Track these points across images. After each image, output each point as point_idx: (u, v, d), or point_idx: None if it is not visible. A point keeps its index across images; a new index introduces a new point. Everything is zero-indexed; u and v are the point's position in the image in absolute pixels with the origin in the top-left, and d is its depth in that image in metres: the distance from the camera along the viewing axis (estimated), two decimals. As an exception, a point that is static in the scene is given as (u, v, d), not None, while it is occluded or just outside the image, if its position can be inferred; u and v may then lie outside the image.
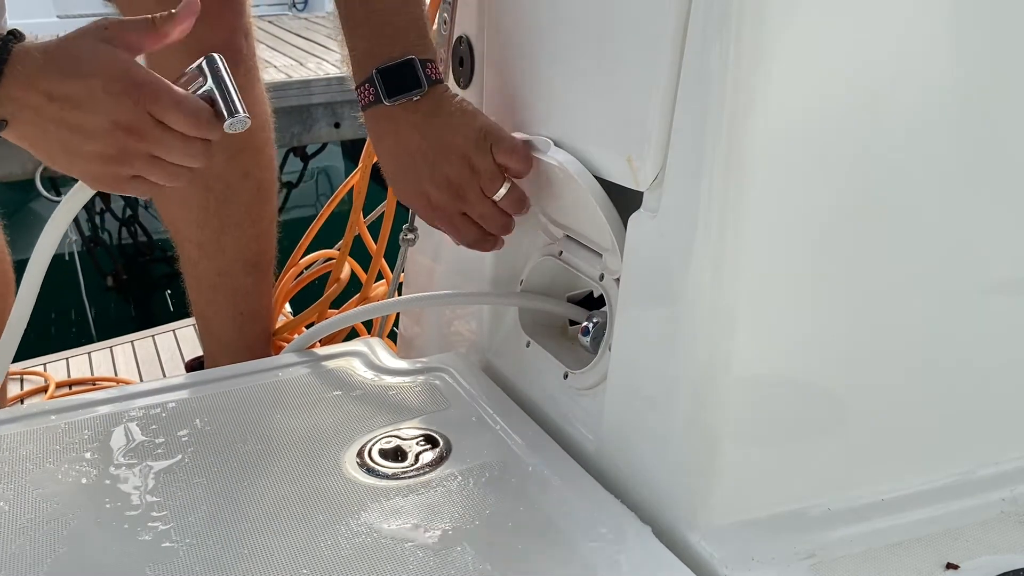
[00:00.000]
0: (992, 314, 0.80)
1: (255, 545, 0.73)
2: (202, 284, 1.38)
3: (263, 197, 1.34)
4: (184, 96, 0.80)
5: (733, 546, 0.73)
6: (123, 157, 0.80)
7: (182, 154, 0.81)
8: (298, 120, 5.24)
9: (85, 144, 0.79)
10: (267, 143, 1.34)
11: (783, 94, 0.67)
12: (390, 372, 1.02)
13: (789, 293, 0.73)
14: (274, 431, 0.91)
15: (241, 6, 1.25)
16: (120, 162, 0.80)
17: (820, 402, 0.77)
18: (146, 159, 0.80)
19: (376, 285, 1.63)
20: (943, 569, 0.71)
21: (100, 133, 0.78)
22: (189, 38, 1.19)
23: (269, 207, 1.36)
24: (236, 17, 1.23)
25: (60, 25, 9.65)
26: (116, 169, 0.81)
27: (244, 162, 1.29)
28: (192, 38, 1.20)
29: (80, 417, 0.93)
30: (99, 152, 0.79)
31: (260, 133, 1.31)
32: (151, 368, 2.32)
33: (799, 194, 0.70)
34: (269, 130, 1.34)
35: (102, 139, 0.78)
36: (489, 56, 1.02)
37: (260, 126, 1.31)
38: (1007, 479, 0.81)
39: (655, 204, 0.75)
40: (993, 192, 0.76)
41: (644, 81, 0.74)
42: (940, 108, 0.72)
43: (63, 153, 0.80)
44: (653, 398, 0.78)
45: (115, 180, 0.82)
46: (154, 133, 0.79)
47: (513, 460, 0.85)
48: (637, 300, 0.79)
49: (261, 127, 1.31)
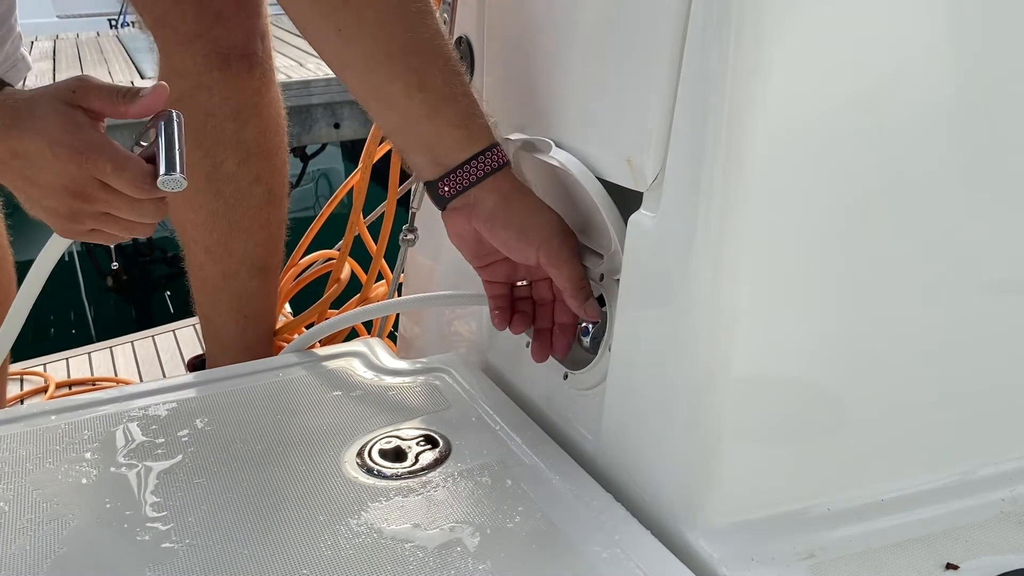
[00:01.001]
0: (992, 314, 0.80)
1: (255, 545, 0.73)
2: (207, 286, 1.38)
3: (273, 202, 1.34)
4: (125, 160, 0.80)
5: (733, 546, 0.73)
6: (74, 215, 0.83)
7: (131, 213, 0.83)
8: (298, 121, 5.25)
9: (42, 199, 0.83)
10: (279, 148, 1.33)
11: (783, 94, 0.67)
12: (390, 372, 1.03)
13: (789, 293, 0.73)
14: (274, 431, 0.91)
15: (258, 8, 1.24)
16: (72, 219, 0.84)
17: (820, 402, 0.77)
18: (98, 216, 0.83)
19: (376, 285, 1.63)
20: (943, 569, 0.71)
21: (52, 192, 0.81)
22: (206, 39, 1.19)
23: (278, 212, 1.36)
24: (253, 19, 1.22)
25: (60, 25, 9.67)
26: (71, 225, 0.84)
27: (255, 167, 1.29)
28: (209, 39, 1.20)
29: (80, 417, 0.93)
30: (54, 208, 0.83)
31: (273, 137, 1.31)
32: (151, 368, 2.32)
33: (799, 194, 0.70)
34: (282, 135, 1.33)
35: (54, 198, 0.82)
36: (489, 56, 1.02)
37: (274, 130, 1.30)
38: (1007, 479, 0.81)
39: (655, 204, 0.75)
40: (993, 193, 0.76)
41: (644, 81, 0.74)
42: (940, 108, 0.72)
43: (28, 203, 0.84)
44: (653, 398, 0.78)
45: (74, 232, 0.86)
46: (100, 195, 0.81)
47: (513, 460, 0.85)
48: (637, 300, 0.79)
49: (275, 131, 1.31)
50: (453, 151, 0.86)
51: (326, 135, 5.59)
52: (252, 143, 1.28)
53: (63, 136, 0.80)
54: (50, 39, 7.88)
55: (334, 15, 0.83)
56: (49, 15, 10.17)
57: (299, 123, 5.29)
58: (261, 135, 1.28)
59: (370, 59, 0.85)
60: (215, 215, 1.30)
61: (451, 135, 0.86)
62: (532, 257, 0.86)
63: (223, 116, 1.23)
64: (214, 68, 1.21)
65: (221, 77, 1.21)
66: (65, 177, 0.80)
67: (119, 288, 6.11)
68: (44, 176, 0.81)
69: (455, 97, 0.86)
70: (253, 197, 1.31)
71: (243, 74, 1.24)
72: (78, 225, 0.84)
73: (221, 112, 1.23)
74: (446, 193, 0.87)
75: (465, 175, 0.86)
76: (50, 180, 0.81)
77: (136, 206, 0.82)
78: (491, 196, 0.86)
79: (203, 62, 1.20)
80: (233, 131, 1.25)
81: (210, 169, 1.25)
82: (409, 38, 0.84)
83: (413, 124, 0.86)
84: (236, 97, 1.24)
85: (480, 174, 0.86)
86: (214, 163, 1.24)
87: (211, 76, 1.21)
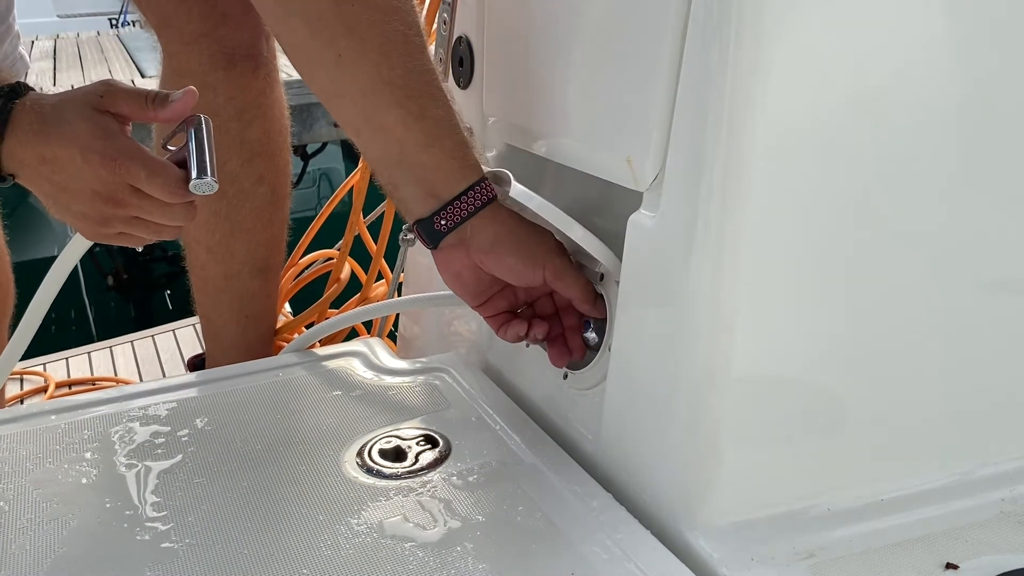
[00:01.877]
0: (992, 314, 0.80)
1: (255, 545, 0.73)
2: (208, 286, 1.38)
3: (275, 202, 1.34)
4: (158, 166, 0.81)
5: (733, 546, 0.73)
6: (104, 220, 0.83)
7: (162, 217, 0.84)
8: (298, 119, 5.21)
9: (72, 204, 0.83)
10: (283, 148, 1.33)
11: (783, 94, 0.67)
12: (390, 372, 1.03)
13: (789, 293, 0.73)
14: (274, 431, 0.91)
15: None
16: (102, 223, 0.84)
17: (820, 402, 0.77)
18: (128, 220, 0.84)
19: (376, 285, 1.63)
20: (943, 569, 0.71)
21: (82, 197, 0.82)
22: (211, 39, 1.19)
23: (280, 212, 1.36)
24: (258, 19, 1.22)
25: (60, 24, 9.66)
26: (100, 228, 0.85)
27: (259, 167, 1.29)
28: (214, 39, 1.20)
29: (80, 417, 0.93)
30: (83, 212, 0.83)
31: (277, 138, 1.31)
32: (151, 368, 2.32)
33: (799, 194, 0.70)
34: (286, 135, 1.33)
35: (84, 202, 0.82)
36: (489, 56, 1.02)
37: (278, 131, 1.30)
38: (1007, 479, 0.81)
39: (655, 204, 0.75)
40: (992, 192, 0.76)
41: (644, 81, 0.74)
42: (940, 108, 0.72)
43: (55, 207, 0.85)
44: (653, 398, 0.78)
45: (102, 236, 0.86)
46: (132, 200, 0.81)
47: (513, 460, 0.85)
48: (637, 300, 0.79)
49: (279, 132, 1.31)
50: (450, 182, 0.84)
51: (327, 134, 5.57)
52: (256, 143, 1.27)
53: (95, 143, 0.80)
54: (50, 38, 7.88)
55: (334, 42, 0.81)
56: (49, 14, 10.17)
57: (300, 122, 5.26)
58: (265, 135, 1.28)
59: (368, 86, 0.82)
60: (218, 215, 1.30)
61: (448, 165, 0.84)
62: (539, 278, 0.86)
63: (227, 116, 1.23)
64: (219, 68, 1.21)
65: (226, 77, 1.21)
66: (97, 183, 0.80)
67: (119, 287, 6.10)
68: (75, 182, 0.81)
69: (453, 128, 0.85)
70: (256, 197, 1.30)
71: (248, 74, 1.24)
72: (107, 229, 0.85)
73: (225, 112, 1.23)
74: (443, 227, 0.85)
75: (462, 207, 0.84)
76: (81, 186, 0.81)
77: (168, 210, 0.83)
78: (489, 226, 0.85)
79: (208, 62, 1.20)
80: (237, 131, 1.25)
81: None
82: (410, 67, 0.83)
83: (409, 154, 0.84)
84: (241, 97, 1.23)
85: (477, 204, 0.84)
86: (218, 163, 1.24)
87: (216, 76, 1.21)
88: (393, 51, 0.82)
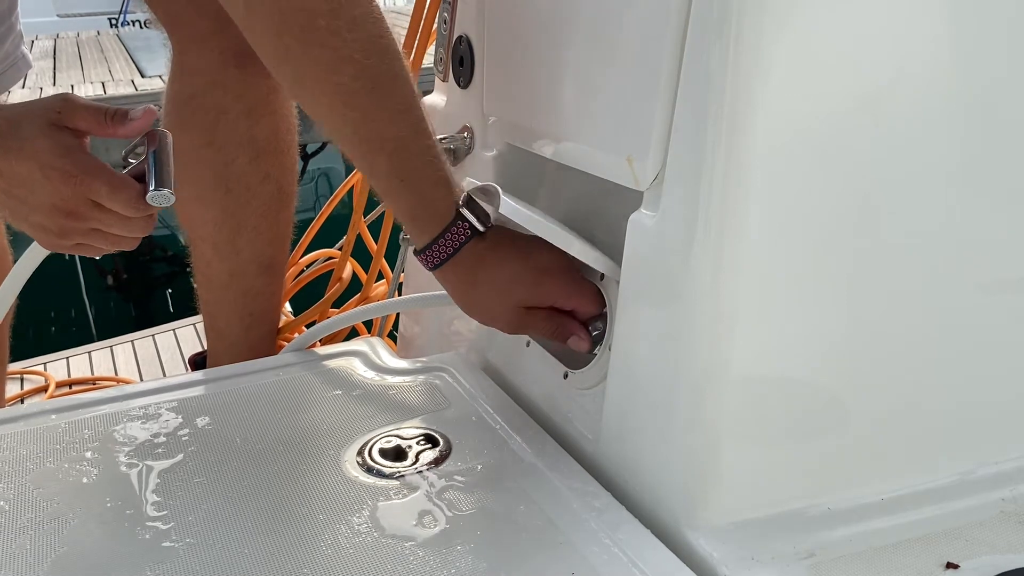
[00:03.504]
0: (992, 314, 0.80)
1: (255, 544, 0.74)
2: (213, 283, 1.37)
3: (282, 200, 1.33)
4: (119, 181, 0.82)
5: (733, 546, 0.73)
6: (63, 232, 0.84)
7: (122, 229, 0.85)
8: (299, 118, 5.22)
9: (30, 216, 0.84)
10: (291, 147, 1.33)
11: (783, 94, 0.67)
12: (390, 372, 1.03)
13: (789, 293, 0.73)
14: (274, 430, 0.91)
15: None
16: (61, 235, 0.85)
17: (820, 402, 0.77)
18: (87, 232, 0.85)
19: (376, 285, 1.63)
20: (943, 569, 0.71)
21: (41, 210, 0.83)
22: (221, 37, 1.19)
23: (286, 211, 1.36)
24: None
25: (60, 24, 9.67)
26: (58, 240, 0.86)
27: (266, 165, 1.29)
28: (225, 37, 1.20)
29: (80, 417, 0.94)
30: (42, 224, 0.84)
31: (285, 136, 1.30)
32: (151, 368, 2.32)
33: (799, 194, 0.70)
34: (294, 134, 1.33)
35: (43, 215, 0.83)
36: (489, 56, 1.02)
37: (286, 129, 1.30)
38: (1007, 479, 0.81)
39: (655, 204, 0.75)
40: (992, 192, 0.76)
41: (644, 81, 0.74)
42: (940, 108, 0.72)
43: (12, 218, 0.86)
44: (653, 398, 0.78)
45: (60, 247, 0.88)
46: (92, 214, 0.83)
47: (513, 460, 0.85)
48: (637, 300, 0.79)
49: (287, 130, 1.30)
50: (423, 232, 0.88)
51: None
52: (264, 141, 1.27)
53: (55, 160, 0.80)
54: (50, 38, 7.89)
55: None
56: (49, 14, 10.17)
57: (300, 120, 5.27)
58: (273, 134, 1.28)
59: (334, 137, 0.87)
60: (224, 212, 1.30)
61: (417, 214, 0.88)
62: (548, 302, 0.89)
63: (236, 114, 1.23)
64: (229, 66, 1.20)
65: (236, 75, 1.21)
66: (56, 198, 0.81)
67: (119, 287, 6.11)
68: (34, 197, 0.82)
69: (409, 178, 0.87)
70: (263, 195, 1.30)
71: (257, 72, 1.23)
72: (65, 240, 0.86)
73: (234, 110, 1.23)
74: (432, 264, 0.88)
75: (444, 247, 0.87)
76: (40, 200, 0.82)
77: (127, 223, 0.84)
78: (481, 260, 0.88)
79: (218, 60, 1.20)
80: (246, 129, 1.25)
81: (221, 167, 1.24)
82: (364, 124, 0.86)
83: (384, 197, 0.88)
84: (250, 95, 1.23)
85: (456, 245, 0.87)
86: (225, 160, 1.24)
87: (226, 74, 1.21)
88: (345, 107, 0.85)
